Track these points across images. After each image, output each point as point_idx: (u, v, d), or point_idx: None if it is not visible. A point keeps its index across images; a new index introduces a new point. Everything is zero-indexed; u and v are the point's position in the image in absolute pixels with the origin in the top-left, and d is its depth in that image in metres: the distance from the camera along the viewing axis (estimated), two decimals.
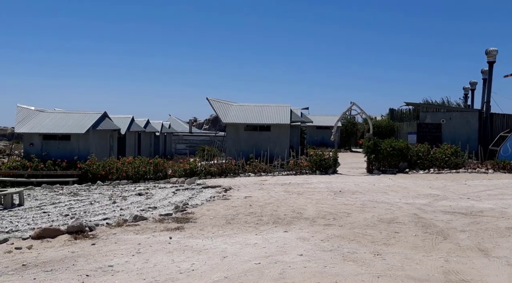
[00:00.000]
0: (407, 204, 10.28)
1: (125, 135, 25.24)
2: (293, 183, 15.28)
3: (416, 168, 19.02)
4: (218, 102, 23.13)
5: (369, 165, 19.50)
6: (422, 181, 15.53)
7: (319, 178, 17.11)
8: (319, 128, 42.55)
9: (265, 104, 23.79)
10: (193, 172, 18.27)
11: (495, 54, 21.25)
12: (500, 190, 12.60)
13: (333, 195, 12.17)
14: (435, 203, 10.33)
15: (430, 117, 22.59)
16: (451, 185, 14.18)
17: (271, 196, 11.97)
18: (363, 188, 13.74)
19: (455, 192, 12.41)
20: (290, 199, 11.34)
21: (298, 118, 24.63)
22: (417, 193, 12.27)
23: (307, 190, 13.24)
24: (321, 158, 18.91)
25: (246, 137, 22.60)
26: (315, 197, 11.75)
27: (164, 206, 10.62)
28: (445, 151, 19.05)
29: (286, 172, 19.03)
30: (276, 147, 21.46)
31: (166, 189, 14.57)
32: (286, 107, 23.13)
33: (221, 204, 10.48)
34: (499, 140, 20.39)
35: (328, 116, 44.98)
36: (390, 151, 18.80)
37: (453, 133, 22.00)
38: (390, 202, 10.66)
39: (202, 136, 40.25)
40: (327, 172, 18.78)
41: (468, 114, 22.34)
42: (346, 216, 8.75)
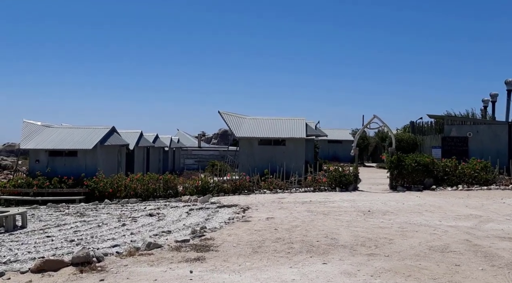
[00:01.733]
0: (451, 227, 9.16)
1: (134, 150, 24.34)
2: (314, 202, 14.21)
3: (443, 184, 17.86)
4: (231, 116, 22.20)
5: (392, 181, 18.37)
6: (454, 199, 14.38)
7: (341, 195, 16.02)
8: (330, 142, 41.54)
9: (279, 118, 22.84)
10: (205, 189, 17.25)
11: None
12: None
13: (362, 215, 11.08)
14: (483, 226, 9.21)
15: (456, 130, 21.47)
16: (488, 204, 13.02)
17: (295, 217, 10.90)
18: (393, 207, 12.63)
19: (497, 213, 11.27)
20: (317, 220, 10.25)
21: (313, 131, 23.62)
22: (456, 214, 11.14)
23: (332, 210, 12.15)
24: (341, 174, 17.83)
25: (260, 151, 21.60)
26: (343, 218, 10.66)
27: (179, 230, 9.58)
28: (474, 166, 17.90)
29: (303, 189, 17.97)
30: (292, 162, 20.41)
31: (178, 209, 13.55)
32: (301, 120, 22.15)
33: (242, 228, 9.42)
34: None
35: (339, 130, 44.02)
36: (415, 166, 17.68)
37: (480, 147, 20.83)
38: (430, 224, 9.55)
39: (211, 151, 39.32)
40: (347, 189, 17.67)
41: (496, 126, 21.19)
42: (389, 243, 7.65)
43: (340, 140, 41.85)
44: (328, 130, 41.89)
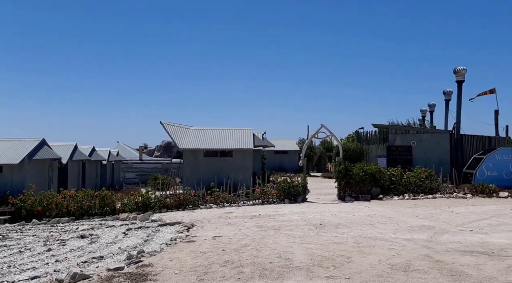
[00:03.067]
0: (408, 240, 8.73)
1: (67, 164, 22.47)
2: (263, 215, 13.47)
3: (389, 193, 17.79)
4: (174, 126, 21.09)
5: (340, 191, 18.08)
6: (403, 209, 14.21)
7: (290, 207, 15.41)
8: (277, 152, 41.35)
9: (225, 128, 22.02)
10: (146, 206, 15.99)
11: (464, 73, 20.82)
12: (497, 219, 11.42)
13: (315, 230, 10.46)
14: (439, 239, 8.86)
15: (400, 139, 21.70)
16: (437, 214, 12.91)
17: (244, 234, 10.07)
18: (344, 219, 12.16)
19: (448, 223, 11.08)
20: (268, 237, 9.49)
21: (260, 142, 23.02)
22: (408, 225, 10.81)
23: (282, 224, 11.45)
24: (290, 185, 17.26)
25: (206, 164, 20.63)
26: (296, 233, 9.97)
27: (113, 255, 8.42)
28: (419, 175, 18.02)
29: (252, 202, 17.19)
30: (240, 174, 19.61)
31: (115, 228, 12.27)
32: (249, 130, 21.47)
33: (186, 250, 8.44)
34: (474, 163, 19.70)
35: (285, 140, 43.97)
36: (362, 176, 17.49)
37: (424, 156, 21.15)
38: (385, 238, 9.08)
39: (153, 164, 37.67)
40: (296, 201, 17.12)
41: (438, 135, 21.65)
42: (347, 261, 7.01)
43: (286, 151, 41.77)
44: (274, 140, 41.65)
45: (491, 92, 23.34)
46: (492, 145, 21.62)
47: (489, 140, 22.04)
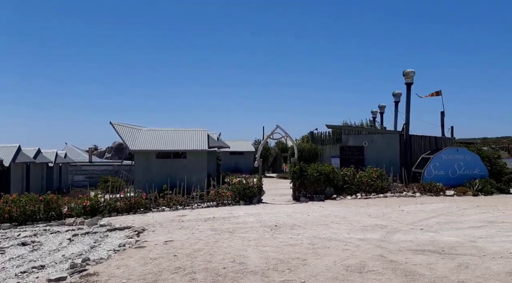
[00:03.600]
0: (362, 240, 8.77)
1: (10, 167, 21.16)
2: (218, 218, 13.20)
3: (343, 193, 18.03)
4: (125, 127, 20.35)
5: (295, 191, 18.12)
6: (356, 209, 14.39)
7: (245, 209, 15.23)
8: (232, 153, 41.10)
9: (179, 129, 21.53)
10: (95, 209, 15.26)
11: (412, 76, 21.47)
12: (445, 217, 11.75)
13: (270, 231, 10.32)
14: (391, 238, 8.96)
15: (353, 140, 22.08)
16: (388, 212, 13.16)
17: (198, 238, 9.76)
18: (299, 220, 12.12)
19: (400, 221, 11.28)
20: (222, 241, 9.24)
21: (215, 143, 22.69)
22: (362, 225, 10.91)
23: (237, 227, 11.24)
24: (245, 186, 17.08)
25: (159, 165, 20.06)
26: (250, 236, 9.79)
27: (55, 264, 7.88)
28: (370, 174, 18.38)
29: (206, 204, 16.85)
30: (194, 175, 19.21)
31: (60, 234, 11.59)
32: (203, 131, 21.10)
33: (135, 256, 8.02)
34: (422, 162, 20.35)
35: (241, 141, 43.81)
36: (317, 176, 17.62)
37: (375, 156, 21.62)
38: (340, 238, 9.07)
39: (104, 166, 36.37)
40: (251, 202, 16.98)
41: (389, 136, 22.22)
42: (302, 264, 6.89)
43: (242, 152, 41.62)
44: (229, 141, 41.39)
45: (437, 94, 24.23)
46: (438, 145, 22.45)
47: (436, 140, 22.88)
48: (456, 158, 19.61)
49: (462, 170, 19.47)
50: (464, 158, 19.61)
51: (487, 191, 18.07)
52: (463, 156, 19.63)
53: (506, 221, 10.68)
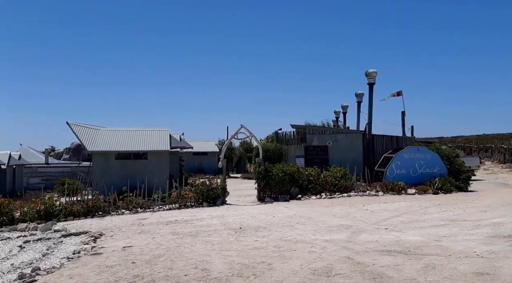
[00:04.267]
0: (328, 241, 8.61)
1: None
2: (180, 221, 12.77)
3: (308, 193, 17.95)
4: (82, 127, 19.47)
5: (260, 192, 17.90)
6: (321, 208, 14.32)
7: (209, 211, 14.85)
8: (196, 154, 40.45)
9: (140, 129, 20.83)
10: (49, 214, 14.46)
11: (374, 76, 21.69)
12: (408, 216, 11.81)
13: (234, 234, 10.02)
14: (357, 238, 8.85)
15: (317, 139, 22.08)
16: (353, 212, 13.14)
17: (158, 243, 9.32)
18: (264, 221, 11.88)
19: (364, 221, 11.25)
20: (184, 246, 8.84)
21: (177, 143, 22.12)
22: (327, 225, 10.79)
23: (200, 230, 10.86)
24: (208, 187, 16.68)
25: (118, 167, 19.32)
26: (214, 239, 9.44)
27: (2, 274, 7.26)
28: (335, 174, 18.41)
29: (168, 206, 16.33)
30: (155, 177, 18.62)
31: (10, 241, 10.83)
32: (165, 131, 20.50)
33: (90, 264, 7.52)
34: (384, 161, 20.59)
35: (204, 142, 43.21)
36: (282, 176, 17.46)
37: (339, 155, 21.72)
38: (306, 240, 8.88)
39: (61, 167, 34.87)
40: (215, 204, 16.60)
41: (353, 135, 22.38)
42: (268, 269, 6.63)
43: (205, 152, 41.03)
44: (193, 141, 40.70)
45: (398, 94, 24.68)
46: (400, 144, 22.83)
47: (397, 139, 23.26)
48: (417, 157, 19.97)
49: (422, 169, 19.83)
50: (424, 157, 19.99)
51: (447, 189, 18.48)
52: (424, 155, 20.01)
53: (467, 219, 10.84)
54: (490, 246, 7.51)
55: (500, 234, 8.64)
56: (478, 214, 11.79)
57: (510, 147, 37.31)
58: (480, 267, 6.18)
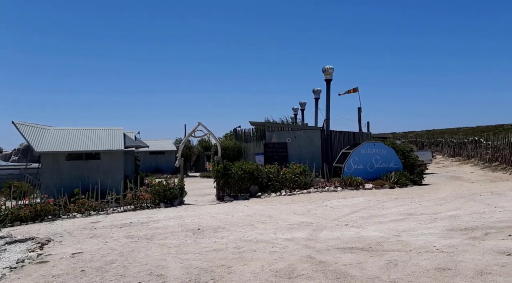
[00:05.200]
0: (289, 240, 8.40)
1: None
2: (135, 223, 12.23)
3: (267, 191, 17.78)
4: (29, 127, 18.36)
5: (219, 191, 17.55)
6: (281, 206, 14.16)
7: (166, 212, 14.35)
8: (152, 153, 39.51)
9: (92, 128, 19.92)
10: None
11: (331, 72, 21.79)
12: (367, 212, 11.83)
13: (192, 236, 9.64)
14: (318, 236, 8.70)
15: (276, 137, 21.94)
16: (313, 209, 13.05)
17: (111, 247, 8.79)
18: (223, 221, 11.56)
19: (325, 218, 11.16)
20: (138, 250, 8.38)
21: (132, 142, 21.35)
22: (287, 223, 10.61)
23: (156, 232, 10.40)
24: (165, 188, 16.14)
25: (69, 168, 18.39)
26: (171, 242, 9.02)
27: None
28: (294, 170, 18.33)
29: (123, 208, 15.68)
30: (109, 178, 17.88)
31: None
32: (119, 130, 19.72)
33: (35, 274, 6.93)
34: (342, 157, 20.73)
35: (162, 140, 42.28)
36: (241, 174, 17.19)
37: (298, 152, 21.68)
38: (266, 239, 8.64)
39: (9, 170, 33.01)
40: (173, 204, 16.10)
41: (311, 132, 22.39)
42: (228, 272, 6.32)
43: (162, 151, 40.11)
44: (150, 140, 39.72)
45: (354, 91, 24.97)
46: (357, 140, 23.11)
47: (354, 135, 23.55)
48: (374, 152, 20.25)
49: (379, 164, 20.14)
50: (380, 152, 20.30)
51: (402, 183, 18.85)
52: (380, 150, 20.32)
53: (424, 213, 10.97)
54: (448, 240, 7.55)
55: (457, 227, 8.74)
56: (434, 207, 12.00)
57: (460, 141, 38.83)
58: (441, 262, 6.15)
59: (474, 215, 10.23)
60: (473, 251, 6.67)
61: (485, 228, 8.47)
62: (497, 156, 29.17)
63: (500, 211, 10.55)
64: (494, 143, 29.92)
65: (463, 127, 67.49)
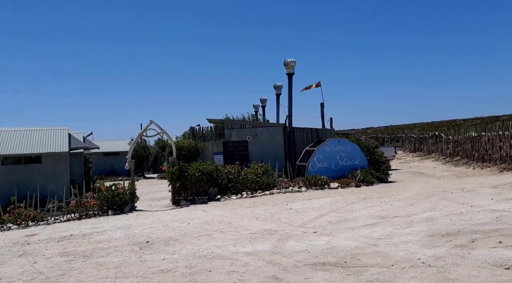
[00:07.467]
0: (250, 255, 7.22)
1: None
2: (77, 235, 10.73)
3: (227, 193, 16.55)
4: None
5: (175, 195, 16.17)
6: (242, 210, 12.98)
7: (114, 221, 12.87)
8: (107, 154, 37.43)
9: (32, 128, 17.99)
10: None
11: (293, 66, 20.77)
12: (335, 214, 10.83)
13: (138, 251, 8.29)
14: (284, 247, 7.57)
15: (236, 135, 20.70)
16: (277, 212, 11.94)
17: (38, 270, 7.31)
18: (177, 231, 10.26)
19: (290, 223, 10.06)
20: (70, 273, 6.96)
21: (80, 144, 19.54)
22: (249, 231, 9.44)
23: (97, 248, 8.97)
24: (114, 193, 14.60)
25: (6, 173, 16.48)
26: (112, 260, 7.65)
27: None
28: (256, 170, 17.18)
29: (66, 217, 14.04)
30: (52, 183, 16.10)
31: None
32: (63, 130, 17.90)
33: None
34: (306, 155, 19.76)
35: (116, 141, 40.22)
36: (199, 176, 15.88)
37: (260, 150, 20.54)
38: (225, 254, 7.42)
39: None
40: (123, 211, 14.60)
41: (273, 129, 21.27)
42: None
43: (117, 152, 38.04)
44: (103, 141, 37.57)
45: (316, 86, 24.11)
46: (320, 136, 22.24)
47: (317, 132, 22.66)
48: (338, 149, 19.42)
49: (344, 161, 19.33)
50: (345, 149, 19.50)
51: (368, 181, 18.12)
52: (344, 147, 19.52)
53: (398, 215, 10.08)
54: (433, 250, 6.61)
55: (438, 233, 7.85)
56: (407, 208, 11.17)
57: (420, 137, 39.03)
58: (432, 281, 5.14)
59: (452, 216, 9.43)
60: (465, 264, 5.73)
61: (469, 233, 7.62)
62: (458, 150, 29.23)
63: (479, 211, 9.82)
64: (455, 138, 30.00)
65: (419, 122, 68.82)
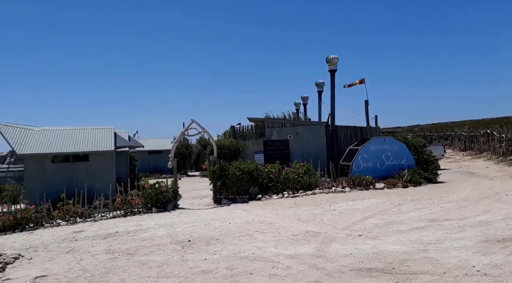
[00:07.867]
0: (292, 258, 7.02)
1: None
2: (121, 232, 10.92)
3: (268, 192, 16.37)
4: (10, 127, 17.04)
5: (216, 193, 16.20)
6: (284, 211, 12.78)
7: (157, 218, 13.03)
8: (151, 153, 38.21)
9: (79, 128, 18.57)
10: None
11: (336, 62, 20.30)
12: (381, 217, 10.42)
13: (180, 250, 8.29)
14: (328, 251, 7.32)
15: (277, 133, 20.50)
16: (320, 213, 11.66)
17: (83, 268, 7.45)
18: (218, 230, 10.21)
19: (334, 225, 9.77)
20: (114, 271, 7.03)
21: (125, 142, 19.97)
22: (291, 233, 9.23)
23: (141, 245, 9.06)
24: (157, 191, 14.80)
25: (55, 171, 17.04)
26: (154, 259, 7.68)
27: None
28: (297, 170, 16.90)
29: (112, 214, 14.36)
30: (98, 181, 16.53)
31: None
32: (109, 129, 18.36)
33: None
34: (349, 154, 19.28)
35: (160, 139, 41.01)
36: (239, 175, 15.82)
37: (301, 149, 20.22)
38: (266, 256, 7.26)
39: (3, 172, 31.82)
40: (166, 209, 14.76)
41: (314, 127, 20.90)
42: None
43: (160, 150, 38.75)
44: (148, 140, 38.43)
45: (360, 82, 23.49)
46: (364, 135, 21.61)
47: (361, 130, 22.03)
48: (384, 148, 18.80)
49: (390, 161, 18.69)
50: (391, 148, 18.84)
51: (416, 182, 17.40)
52: (391, 146, 18.86)
53: (448, 218, 9.56)
54: (488, 257, 6.16)
55: (493, 238, 7.35)
56: (458, 210, 10.58)
57: (470, 135, 37.29)
58: None
59: (508, 220, 8.82)
60: None
61: None
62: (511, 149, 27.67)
63: None
64: (508, 136, 28.40)
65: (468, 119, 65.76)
